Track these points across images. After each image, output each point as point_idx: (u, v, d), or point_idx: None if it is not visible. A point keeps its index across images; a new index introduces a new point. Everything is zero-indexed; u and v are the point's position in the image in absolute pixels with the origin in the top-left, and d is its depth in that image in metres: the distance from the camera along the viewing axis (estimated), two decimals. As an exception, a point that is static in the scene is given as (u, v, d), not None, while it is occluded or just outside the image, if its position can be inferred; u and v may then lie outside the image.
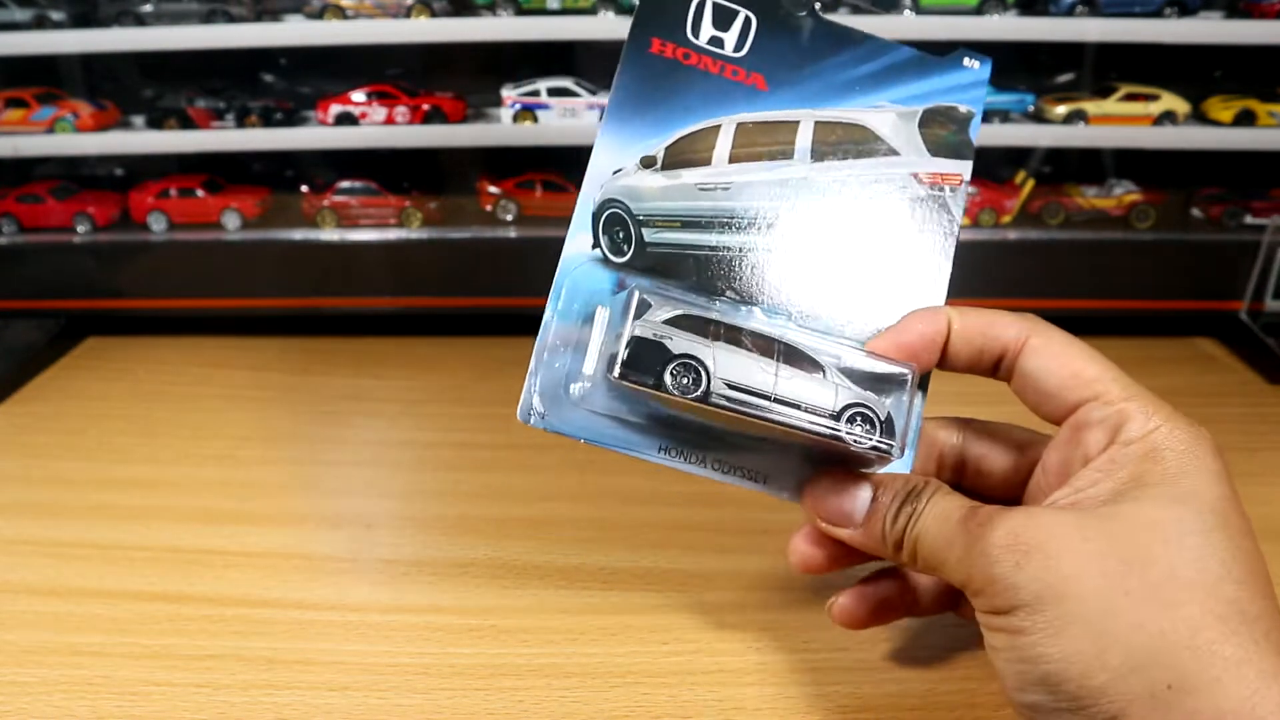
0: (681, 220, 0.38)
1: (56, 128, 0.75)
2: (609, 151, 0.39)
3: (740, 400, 0.34)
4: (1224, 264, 0.74)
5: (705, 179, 0.39)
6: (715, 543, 0.52)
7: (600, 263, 0.38)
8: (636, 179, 0.39)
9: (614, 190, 0.38)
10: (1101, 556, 0.29)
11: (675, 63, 0.39)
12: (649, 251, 0.38)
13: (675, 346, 0.35)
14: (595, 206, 0.38)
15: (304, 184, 0.78)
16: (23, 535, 0.53)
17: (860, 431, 0.34)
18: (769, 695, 0.42)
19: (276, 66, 0.79)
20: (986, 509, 0.32)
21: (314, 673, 0.43)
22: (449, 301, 0.77)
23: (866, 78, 0.39)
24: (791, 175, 0.39)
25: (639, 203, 0.38)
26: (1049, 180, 0.77)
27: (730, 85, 0.39)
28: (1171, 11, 0.69)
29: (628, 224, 0.38)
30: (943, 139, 0.40)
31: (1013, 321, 0.36)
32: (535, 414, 0.37)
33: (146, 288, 0.77)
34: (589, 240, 0.38)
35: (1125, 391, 0.34)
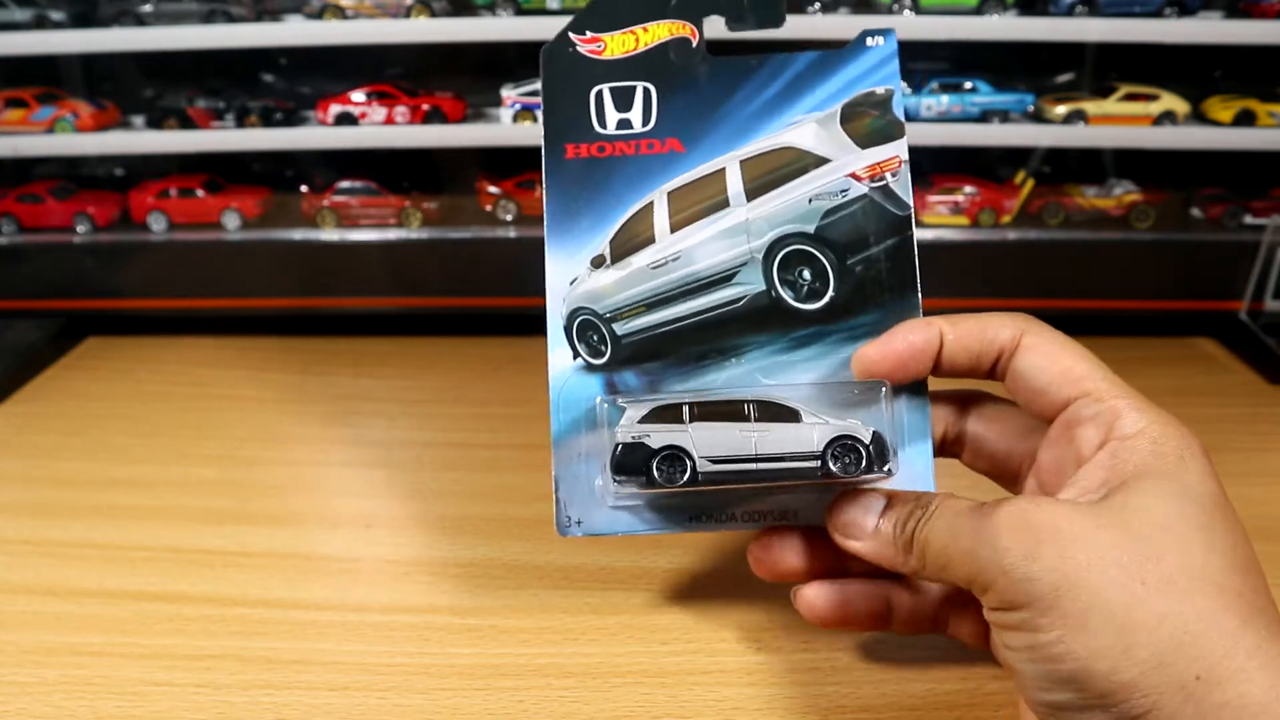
0: (645, 303, 0.40)
1: (56, 128, 0.75)
2: (559, 264, 0.40)
3: (727, 472, 0.36)
4: (1224, 264, 0.74)
5: (654, 257, 0.40)
6: (715, 543, 0.52)
7: (585, 370, 0.39)
8: (593, 282, 0.40)
9: (576, 299, 0.40)
10: (1116, 546, 0.29)
11: (592, 159, 0.40)
12: (625, 344, 0.39)
13: (655, 441, 0.36)
14: (564, 320, 0.40)
15: (304, 184, 0.78)
16: (23, 535, 0.53)
17: (848, 463, 0.36)
18: (769, 695, 0.42)
19: (276, 66, 0.79)
20: (992, 503, 0.32)
21: (313, 673, 0.43)
22: (449, 301, 0.77)
23: (776, 99, 0.40)
24: (734, 221, 0.39)
25: (602, 302, 0.40)
26: (1049, 180, 0.77)
27: (650, 160, 0.40)
28: (1171, 11, 0.69)
29: (599, 326, 0.40)
30: (869, 127, 0.39)
31: (1006, 323, 0.36)
32: (573, 524, 0.39)
33: (146, 288, 0.77)
34: (568, 353, 0.39)
35: (1115, 389, 0.34)
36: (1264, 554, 0.52)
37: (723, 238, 0.39)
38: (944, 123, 0.74)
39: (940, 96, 0.74)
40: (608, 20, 0.40)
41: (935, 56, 0.77)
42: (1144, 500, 0.31)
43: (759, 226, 0.39)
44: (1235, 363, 0.74)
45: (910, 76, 0.75)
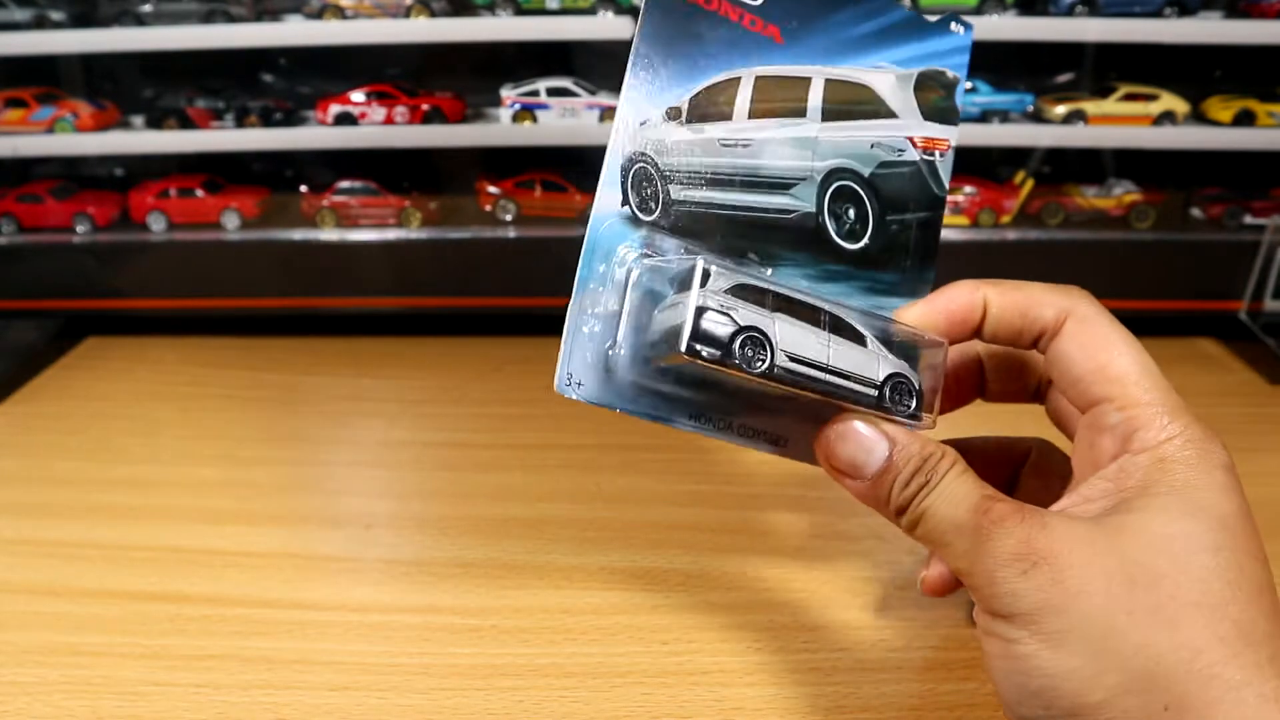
0: (706, 178, 0.37)
1: (56, 128, 0.75)
2: (635, 102, 0.37)
3: (801, 373, 0.34)
4: (1224, 264, 0.74)
5: (728, 134, 0.38)
6: (715, 543, 0.52)
7: (628, 221, 0.37)
8: (663, 132, 0.37)
9: (642, 144, 0.37)
10: (1107, 573, 0.29)
11: (698, 8, 0.37)
12: (675, 210, 0.37)
13: (741, 318, 0.34)
14: (624, 160, 0.36)
15: (304, 184, 0.78)
16: (23, 535, 0.53)
17: (902, 400, 0.35)
18: (769, 695, 0.42)
19: (276, 66, 0.79)
20: (999, 507, 0.31)
21: (314, 673, 0.43)
22: (449, 301, 0.77)
23: (868, 36, 0.39)
24: (805, 134, 0.39)
25: (666, 158, 0.37)
26: (1049, 180, 0.77)
27: (749, 35, 0.38)
28: (1171, 11, 0.69)
29: (655, 180, 0.37)
30: (934, 103, 0.40)
31: (1053, 300, 0.35)
32: (574, 384, 0.36)
33: (146, 288, 0.77)
34: (618, 196, 0.36)
35: (1143, 394, 0.33)
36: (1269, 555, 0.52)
37: (791, 145, 0.39)
38: (944, 123, 0.74)
39: (940, 96, 0.74)
40: None
41: (935, 56, 0.77)
42: (1147, 520, 0.30)
43: (825, 149, 0.39)
44: (1235, 363, 0.74)
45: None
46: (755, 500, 0.55)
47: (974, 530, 0.31)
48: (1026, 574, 0.29)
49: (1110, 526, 0.30)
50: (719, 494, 0.55)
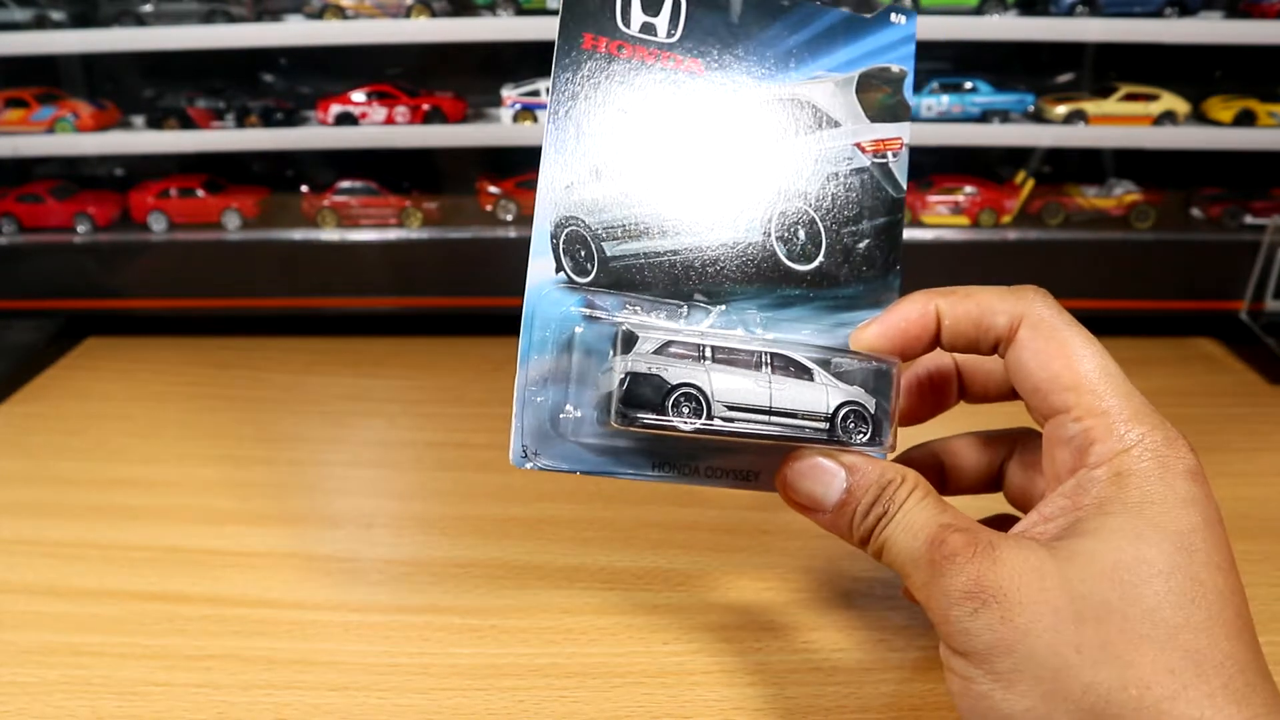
0: (641, 228, 0.36)
1: (56, 128, 0.75)
2: (555, 165, 0.36)
3: (742, 419, 0.34)
4: (1224, 264, 0.74)
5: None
6: (715, 543, 0.52)
7: (565, 287, 0.36)
8: (589, 191, 0.36)
9: (570, 207, 0.36)
10: (1056, 610, 0.29)
11: (610, 57, 0.36)
12: (612, 267, 0.36)
13: (671, 376, 0.33)
14: (552, 227, 0.36)
15: (304, 184, 0.78)
16: (23, 535, 0.53)
17: (853, 429, 0.34)
18: (769, 695, 0.42)
19: (276, 66, 0.79)
20: (953, 540, 0.31)
21: (314, 673, 0.43)
22: (449, 301, 0.77)
23: (801, 47, 0.38)
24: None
25: (596, 216, 0.36)
26: (1049, 180, 0.77)
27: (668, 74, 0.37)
28: (1171, 11, 0.69)
29: (588, 242, 0.36)
30: (880, 103, 0.38)
31: (1005, 307, 0.34)
32: (531, 455, 0.36)
33: (146, 288, 0.77)
34: (551, 264, 0.36)
35: (1099, 403, 0.32)
36: (1265, 553, 0.52)
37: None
38: (944, 123, 0.74)
39: (940, 96, 0.74)
40: None
41: (935, 56, 0.77)
42: (1100, 546, 0.29)
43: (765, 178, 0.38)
44: (1235, 363, 0.74)
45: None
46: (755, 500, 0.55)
47: (929, 564, 0.31)
48: (977, 613, 0.29)
49: (1062, 554, 0.30)
50: (719, 494, 0.55)
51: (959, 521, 0.32)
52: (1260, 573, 0.49)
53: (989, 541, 0.30)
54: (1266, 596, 0.48)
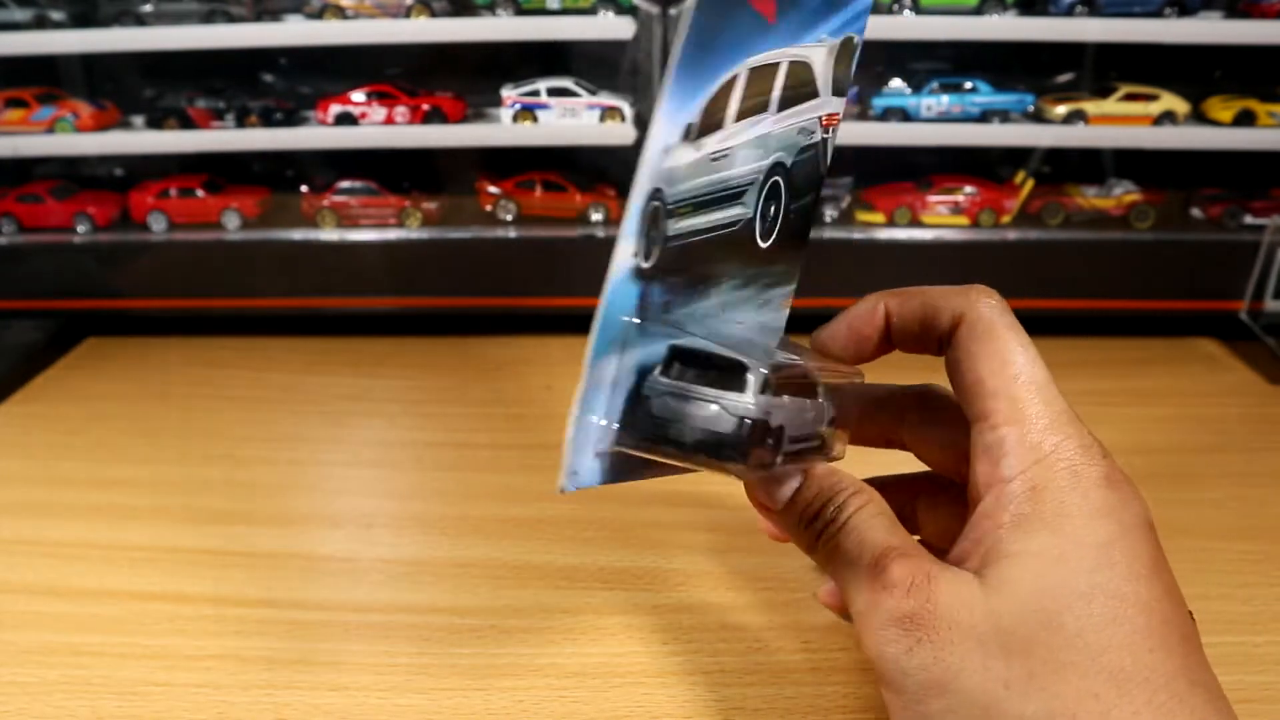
0: (694, 202, 0.33)
1: (56, 128, 0.75)
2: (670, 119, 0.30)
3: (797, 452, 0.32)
4: (1224, 264, 0.74)
5: (717, 145, 0.33)
6: (714, 543, 0.52)
7: (633, 276, 0.31)
8: (678, 155, 0.31)
9: (660, 174, 0.31)
10: (984, 646, 0.29)
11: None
12: (668, 248, 0.32)
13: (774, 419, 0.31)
14: (644, 199, 0.30)
15: (304, 184, 0.78)
16: (23, 535, 0.53)
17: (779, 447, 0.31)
18: (769, 695, 0.42)
19: (276, 66, 0.79)
20: (893, 571, 0.30)
21: (314, 673, 0.43)
22: (449, 301, 0.77)
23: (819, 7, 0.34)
24: (762, 131, 0.34)
25: (674, 187, 0.31)
26: (1049, 180, 0.77)
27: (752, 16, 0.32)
28: (1171, 11, 0.69)
29: (661, 219, 0.32)
30: (840, 76, 0.36)
31: (948, 305, 0.33)
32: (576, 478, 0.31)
33: (146, 288, 0.77)
34: (631, 247, 0.30)
35: (1016, 411, 0.31)
36: (1265, 553, 0.52)
37: (753, 147, 0.34)
38: (944, 123, 0.74)
39: (940, 96, 0.74)
40: None
41: (935, 56, 0.77)
42: (1018, 573, 0.29)
43: (772, 143, 0.35)
44: (1235, 363, 0.74)
45: (910, 76, 0.75)
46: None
47: (869, 588, 0.31)
48: (912, 651, 0.29)
49: (990, 584, 0.29)
50: (719, 494, 0.55)
51: (904, 545, 0.31)
52: (1260, 572, 0.49)
53: (927, 574, 0.30)
54: (1266, 596, 0.48)
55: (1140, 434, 0.63)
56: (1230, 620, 0.46)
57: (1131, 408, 0.66)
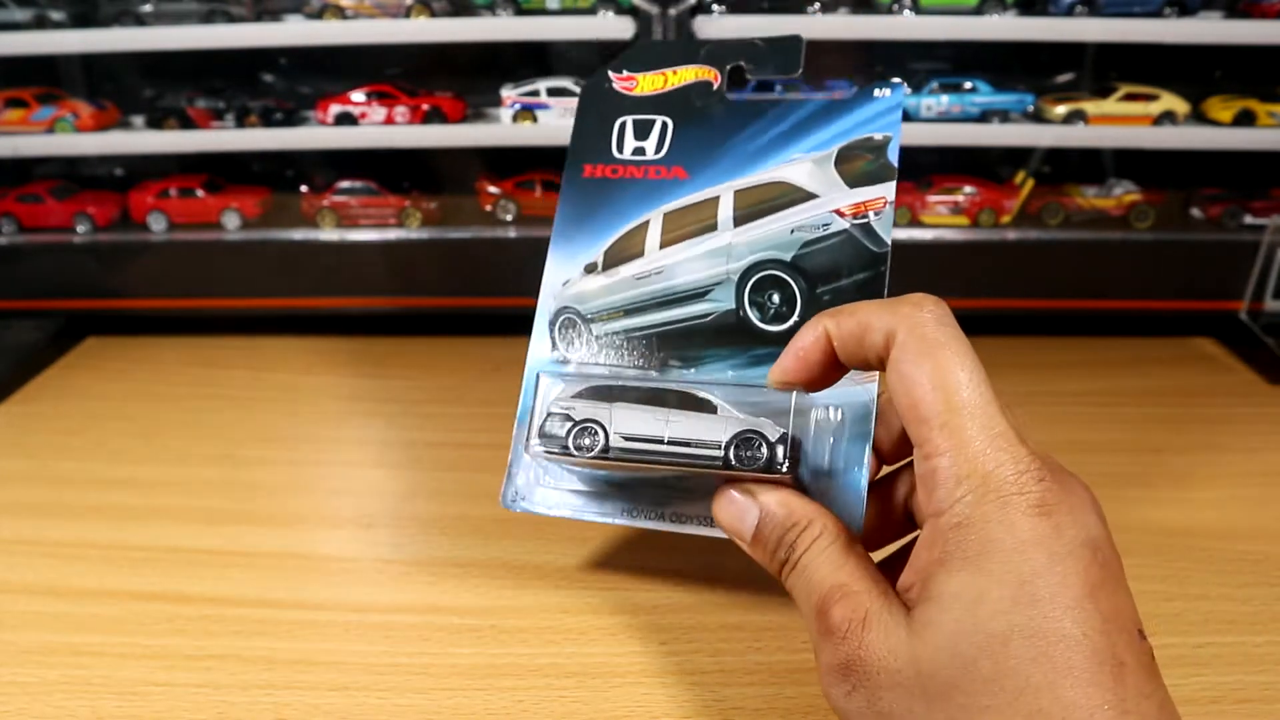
0: (624, 309, 0.43)
1: (56, 128, 0.75)
2: (558, 267, 0.44)
3: (636, 450, 0.38)
4: (1224, 264, 0.74)
5: (640, 269, 0.43)
6: (714, 543, 0.52)
7: (560, 364, 0.43)
8: (582, 285, 0.44)
9: (565, 298, 0.44)
10: (909, 693, 0.29)
11: (606, 180, 0.44)
12: (599, 343, 0.43)
13: (577, 414, 0.39)
14: (550, 315, 0.44)
15: (304, 184, 0.78)
16: (23, 535, 0.53)
17: (746, 458, 0.37)
18: (769, 695, 0.42)
19: (276, 66, 0.79)
20: (835, 613, 0.31)
21: (314, 673, 0.43)
22: (449, 301, 0.77)
23: (780, 137, 0.43)
24: (718, 244, 0.42)
25: (586, 304, 0.43)
26: (1049, 180, 0.77)
27: (656, 184, 0.44)
28: (1171, 11, 0.69)
29: (578, 324, 0.43)
30: (861, 170, 0.41)
31: (880, 323, 0.32)
32: (519, 500, 0.43)
33: (146, 288, 0.77)
34: (547, 345, 0.44)
35: (948, 439, 0.30)
36: (1264, 554, 0.52)
37: (705, 258, 0.42)
38: (944, 123, 0.74)
39: (940, 96, 0.74)
40: (645, 62, 0.45)
41: (935, 56, 0.77)
42: (939, 615, 0.29)
43: (740, 250, 0.42)
44: (1235, 363, 0.74)
45: (910, 76, 0.75)
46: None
47: (816, 635, 0.32)
48: (850, 695, 0.30)
49: (915, 627, 0.29)
50: (719, 494, 0.55)
51: (851, 581, 0.32)
52: (1260, 572, 0.49)
53: (863, 619, 0.31)
54: (1266, 596, 0.48)
55: (1140, 434, 0.63)
56: (1230, 620, 0.46)
57: (1131, 408, 0.66)
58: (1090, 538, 0.29)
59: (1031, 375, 0.71)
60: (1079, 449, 0.31)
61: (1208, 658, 0.44)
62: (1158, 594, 0.48)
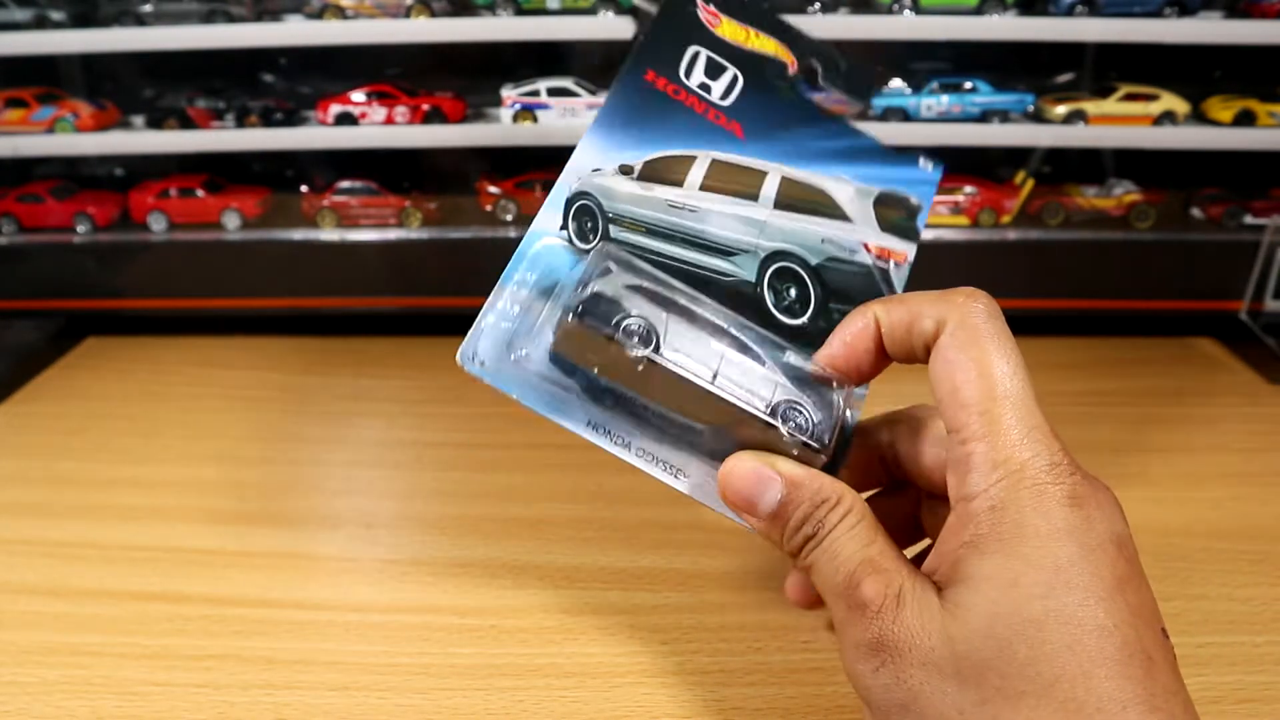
0: (647, 227, 0.40)
1: (56, 128, 0.75)
2: (591, 152, 0.41)
3: (682, 374, 0.35)
4: (1224, 264, 0.74)
5: (676, 197, 0.41)
6: (714, 542, 0.52)
7: (565, 245, 0.40)
8: (613, 181, 0.41)
9: (590, 184, 0.40)
10: (941, 672, 0.29)
11: (665, 95, 0.41)
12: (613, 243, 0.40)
13: (632, 306, 0.36)
14: (570, 192, 0.40)
15: (304, 184, 0.78)
16: (23, 535, 0.53)
17: (796, 426, 0.35)
18: (769, 695, 0.42)
19: (276, 66, 0.79)
20: (865, 588, 0.31)
21: (314, 673, 0.43)
22: (449, 301, 0.77)
23: (831, 152, 0.42)
24: (754, 215, 0.41)
25: (611, 201, 0.40)
26: (1049, 180, 0.77)
27: (711, 126, 0.42)
28: (1171, 11, 0.69)
29: (597, 217, 0.40)
30: (893, 220, 0.42)
31: (933, 311, 0.33)
32: (477, 361, 0.39)
33: (146, 288, 0.77)
34: (558, 220, 0.40)
35: (986, 426, 0.30)
36: (1264, 554, 0.52)
37: (739, 221, 0.41)
38: (944, 123, 0.74)
39: (940, 96, 0.74)
40: (732, 8, 0.43)
41: (935, 56, 0.77)
42: (974, 597, 0.29)
43: (772, 231, 0.41)
44: (1235, 363, 0.74)
45: (910, 76, 0.75)
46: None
47: (843, 610, 0.31)
48: (877, 671, 0.30)
49: (949, 607, 0.29)
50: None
51: (881, 559, 0.31)
52: (1260, 572, 0.49)
53: (897, 595, 0.30)
54: (1266, 596, 0.48)
55: (1140, 434, 0.63)
56: (1230, 620, 0.46)
57: (1131, 408, 0.66)
58: (1117, 533, 0.29)
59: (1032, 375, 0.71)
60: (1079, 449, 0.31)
61: (1208, 658, 0.44)
62: (1158, 594, 0.47)
